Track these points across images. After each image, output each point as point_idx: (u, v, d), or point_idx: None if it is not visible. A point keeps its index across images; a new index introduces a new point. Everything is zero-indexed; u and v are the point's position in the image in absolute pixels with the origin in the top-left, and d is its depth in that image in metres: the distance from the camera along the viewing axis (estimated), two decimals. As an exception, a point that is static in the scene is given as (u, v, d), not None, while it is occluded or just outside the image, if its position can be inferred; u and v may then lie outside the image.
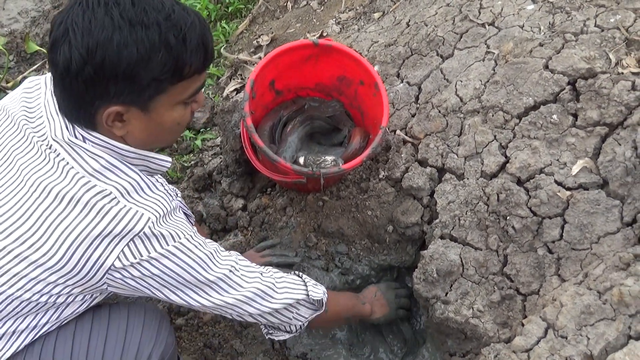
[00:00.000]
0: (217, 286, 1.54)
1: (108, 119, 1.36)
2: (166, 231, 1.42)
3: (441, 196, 2.05)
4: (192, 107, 1.50)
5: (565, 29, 2.17)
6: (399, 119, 2.29)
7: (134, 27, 1.26)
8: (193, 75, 1.38)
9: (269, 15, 3.33)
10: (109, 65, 1.26)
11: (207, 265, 1.50)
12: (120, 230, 1.35)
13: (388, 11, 2.85)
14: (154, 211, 1.41)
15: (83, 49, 1.25)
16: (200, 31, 1.35)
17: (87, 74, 1.27)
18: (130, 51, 1.26)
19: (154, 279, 1.44)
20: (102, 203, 1.36)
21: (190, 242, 1.47)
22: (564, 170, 1.88)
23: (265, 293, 1.64)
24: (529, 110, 2.03)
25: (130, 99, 1.33)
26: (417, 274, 1.96)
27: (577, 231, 1.79)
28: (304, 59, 2.14)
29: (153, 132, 1.45)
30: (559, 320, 1.59)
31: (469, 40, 2.34)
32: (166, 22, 1.29)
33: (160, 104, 1.38)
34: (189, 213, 2.08)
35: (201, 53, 1.36)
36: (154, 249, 1.40)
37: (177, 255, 1.44)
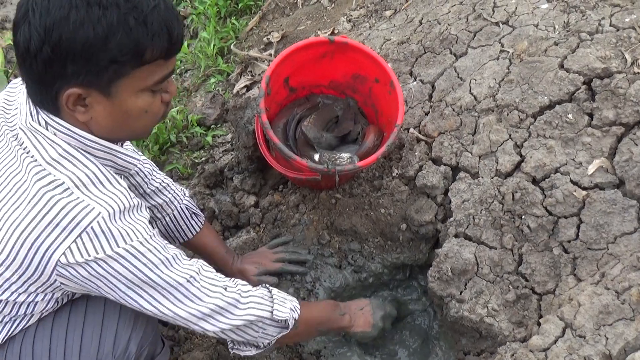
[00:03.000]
0: (170, 295, 1.47)
1: (68, 101, 1.32)
2: (117, 230, 1.36)
3: (455, 195, 2.04)
4: (163, 97, 1.45)
5: (580, 28, 2.16)
6: (413, 117, 2.29)
7: (91, 6, 1.24)
8: (157, 61, 1.34)
9: (279, 12, 3.32)
10: (66, 44, 1.24)
11: (161, 271, 1.43)
12: (68, 223, 1.31)
13: (400, 9, 2.84)
14: (108, 206, 1.36)
15: (41, 28, 1.24)
16: (165, 15, 1.31)
17: (45, 53, 1.25)
18: (86, 30, 1.23)
19: (102, 280, 1.38)
20: (52, 194, 1.32)
21: (144, 246, 1.40)
22: (580, 169, 1.88)
23: (224, 309, 1.57)
24: (544, 109, 2.03)
25: (89, 81, 1.30)
26: (431, 272, 1.96)
27: (593, 231, 1.79)
28: (319, 56, 2.13)
29: (118, 120, 1.40)
30: (576, 320, 1.59)
31: (483, 38, 2.34)
32: (126, 4, 1.26)
33: (123, 89, 1.34)
34: (198, 212, 2.09)
35: (164, 37, 1.31)
36: (103, 249, 1.34)
37: (127, 259, 1.38)
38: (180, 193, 2.07)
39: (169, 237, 2.09)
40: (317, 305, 2.01)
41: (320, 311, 1.94)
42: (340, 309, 1.97)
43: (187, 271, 1.50)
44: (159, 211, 2.02)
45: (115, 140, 1.50)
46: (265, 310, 1.67)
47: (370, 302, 2.05)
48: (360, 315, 2.00)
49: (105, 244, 1.34)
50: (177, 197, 2.05)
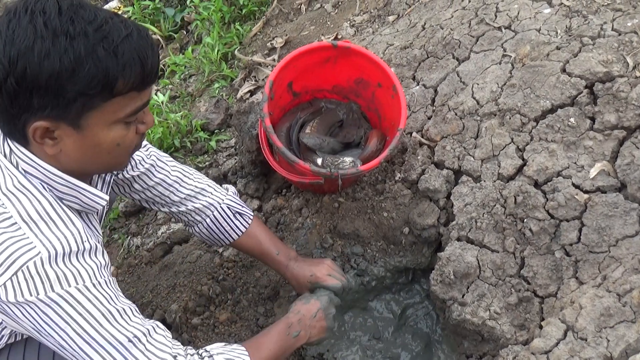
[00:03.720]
0: (106, 352, 1.33)
1: (35, 134, 1.26)
2: (55, 274, 1.27)
3: (458, 198, 2.05)
4: (139, 129, 1.38)
5: (582, 33, 2.17)
6: (415, 121, 2.30)
7: (57, 36, 1.17)
8: (129, 92, 1.26)
9: (283, 17, 3.34)
10: (31, 76, 1.17)
11: (100, 324, 1.32)
12: (5, 258, 1.25)
13: (403, 14, 2.86)
14: (51, 247, 1.28)
15: (5, 59, 1.17)
16: (138, 44, 1.24)
17: (10, 85, 1.19)
18: (52, 62, 1.17)
19: (35, 325, 1.30)
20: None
21: (83, 294, 1.30)
22: (582, 173, 1.89)
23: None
24: (546, 113, 2.04)
25: (56, 114, 1.23)
26: (434, 275, 1.97)
27: (595, 234, 1.79)
28: (322, 60, 2.15)
29: (89, 153, 1.33)
30: (578, 323, 1.60)
31: (485, 43, 2.35)
32: (96, 33, 1.20)
33: (93, 122, 1.27)
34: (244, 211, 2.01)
35: (136, 68, 1.24)
36: (37, 291, 1.26)
37: (61, 306, 1.28)
38: (220, 194, 1.99)
39: (213, 239, 2.02)
40: (267, 338, 1.74)
41: (273, 345, 1.72)
42: (294, 327, 1.78)
43: (133, 330, 1.38)
44: (197, 214, 1.96)
45: (88, 174, 1.45)
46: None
47: (320, 305, 1.87)
48: (315, 325, 1.83)
49: (40, 286, 1.26)
50: (217, 198, 1.97)
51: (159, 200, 1.92)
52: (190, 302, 2.18)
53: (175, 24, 3.73)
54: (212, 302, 2.20)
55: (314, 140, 2.17)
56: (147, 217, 2.65)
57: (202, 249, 2.38)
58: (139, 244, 2.56)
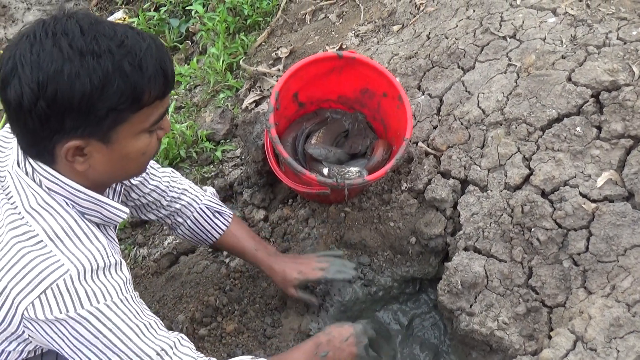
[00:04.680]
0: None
1: (68, 154, 1.28)
2: (84, 291, 1.29)
3: (464, 208, 2.05)
4: (158, 135, 1.42)
5: (588, 42, 2.18)
6: (421, 130, 2.30)
7: (84, 56, 1.19)
8: (154, 102, 1.30)
9: (288, 27, 3.35)
10: (62, 98, 1.19)
11: (129, 339, 1.35)
12: (34, 276, 1.26)
13: (407, 24, 2.86)
14: (79, 264, 1.30)
15: (34, 83, 1.18)
16: (158, 55, 1.28)
17: (40, 109, 1.20)
18: (83, 82, 1.19)
19: (65, 342, 1.31)
20: (23, 245, 1.28)
21: (112, 310, 1.32)
22: (589, 182, 1.89)
23: None
24: (553, 122, 2.04)
25: (88, 132, 1.26)
26: (441, 285, 1.96)
27: (603, 243, 1.79)
28: (327, 71, 2.15)
29: (117, 165, 1.37)
30: (587, 333, 1.59)
31: (490, 52, 2.36)
32: (119, 50, 1.22)
33: (122, 135, 1.30)
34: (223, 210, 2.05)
35: (160, 78, 1.28)
36: (67, 309, 1.27)
37: (92, 323, 1.30)
38: (199, 194, 2.02)
39: (196, 240, 2.05)
40: (294, 355, 1.73)
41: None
42: (322, 347, 1.72)
43: (161, 343, 1.41)
44: (179, 215, 2.00)
45: (109, 185, 1.47)
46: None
47: (354, 331, 1.79)
48: (345, 349, 1.75)
49: (69, 304, 1.27)
50: (196, 198, 2.01)
51: (152, 206, 1.94)
52: (197, 313, 2.18)
53: (180, 35, 3.74)
54: (219, 312, 2.19)
55: (320, 150, 2.17)
56: (153, 227, 2.65)
57: (208, 259, 2.38)
58: (145, 254, 2.56)
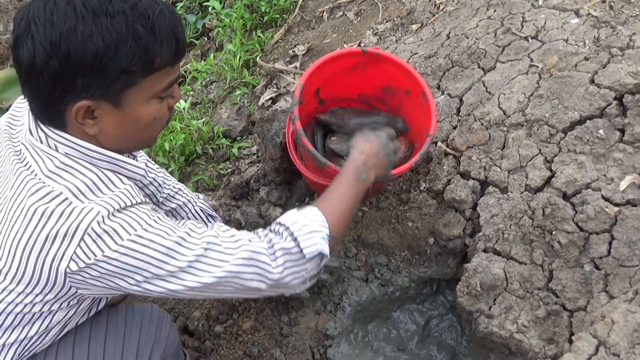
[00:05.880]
0: (193, 269, 1.37)
1: (77, 115, 1.29)
2: (119, 225, 1.30)
3: (484, 209, 2.03)
4: (169, 102, 1.43)
5: (611, 44, 2.16)
6: (440, 130, 2.28)
7: (98, 16, 1.20)
8: (165, 67, 1.31)
9: (305, 25, 3.34)
10: (75, 57, 1.20)
11: (176, 251, 1.35)
12: (66, 229, 1.27)
13: (427, 23, 2.85)
14: (108, 205, 1.31)
15: (47, 42, 1.19)
16: (170, 20, 1.29)
17: (53, 68, 1.21)
18: (96, 41, 1.20)
19: (117, 277, 1.33)
20: (45, 206, 1.28)
21: (150, 232, 1.33)
22: (611, 185, 1.87)
23: (255, 260, 1.44)
24: (575, 124, 2.02)
25: (99, 93, 1.27)
26: (460, 287, 1.95)
27: (626, 247, 1.77)
28: (351, 67, 2.14)
29: (128, 129, 1.37)
30: (610, 338, 1.57)
31: (512, 53, 2.34)
32: (132, 11, 1.23)
33: (132, 98, 1.31)
34: (214, 214, 2.07)
35: (172, 43, 1.29)
36: (108, 246, 1.28)
37: (136, 249, 1.31)
38: (193, 196, 2.05)
39: None
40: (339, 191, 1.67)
41: (347, 197, 1.67)
42: (361, 170, 1.70)
43: (204, 239, 1.40)
44: (173, 215, 2.01)
45: (123, 151, 1.47)
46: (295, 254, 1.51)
47: (380, 142, 1.77)
48: (378, 164, 1.75)
49: (109, 240, 1.29)
50: (191, 199, 2.03)
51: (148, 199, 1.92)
52: (213, 310, 2.17)
53: (197, 31, 3.74)
54: (235, 310, 2.19)
55: (342, 146, 2.16)
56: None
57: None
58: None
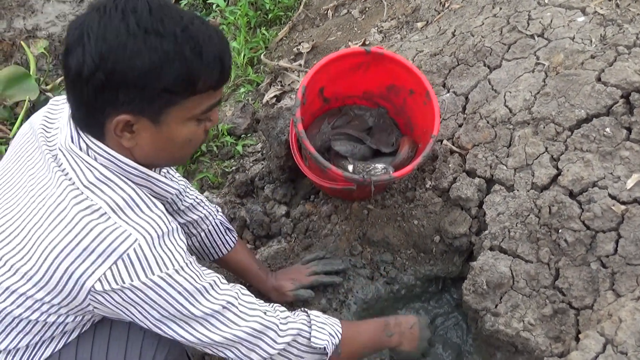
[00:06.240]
0: (205, 322, 1.45)
1: (117, 127, 1.31)
2: (154, 258, 1.33)
3: (490, 207, 2.03)
4: (206, 126, 1.45)
5: (618, 42, 2.15)
6: (446, 128, 2.28)
7: (148, 35, 1.23)
8: (207, 91, 1.34)
9: (309, 22, 3.34)
10: (120, 72, 1.23)
11: (196, 299, 1.41)
12: (104, 249, 1.29)
13: (432, 21, 2.84)
14: (145, 232, 1.34)
15: (96, 54, 1.22)
16: (219, 47, 1.32)
17: (98, 79, 1.24)
18: (142, 59, 1.23)
19: (136, 308, 1.37)
20: (89, 219, 1.30)
21: (180, 275, 1.38)
22: (618, 184, 1.86)
23: (262, 333, 1.54)
24: (581, 122, 2.02)
25: (140, 108, 1.29)
26: (466, 285, 1.95)
27: (633, 246, 1.77)
28: (354, 66, 2.14)
29: (162, 147, 1.40)
30: (618, 336, 1.57)
31: (518, 51, 2.34)
32: (183, 34, 1.26)
33: (171, 117, 1.34)
34: (231, 228, 2.08)
35: (217, 69, 1.32)
36: (137, 276, 1.31)
37: (162, 287, 1.35)
38: (213, 209, 2.06)
39: (204, 253, 2.07)
40: (365, 326, 1.89)
41: (368, 334, 1.86)
42: (389, 328, 1.89)
43: (225, 297, 1.48)
44: (194, 227, 2.01)
45: (153, 167, 1.49)
46: (303, 337, 1.63)
47: (418, 321, 1.95)
48: (409, 335, 1.91)
49: (140, 271, 1.32)
50: (212, 212, 2.04)
51: (168, 208, 1.93)
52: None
53: (201, 28, 3.73)
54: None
55: (346, 147, 2.16)
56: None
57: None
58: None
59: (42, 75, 3.48)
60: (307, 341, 1.63)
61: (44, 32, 3.92)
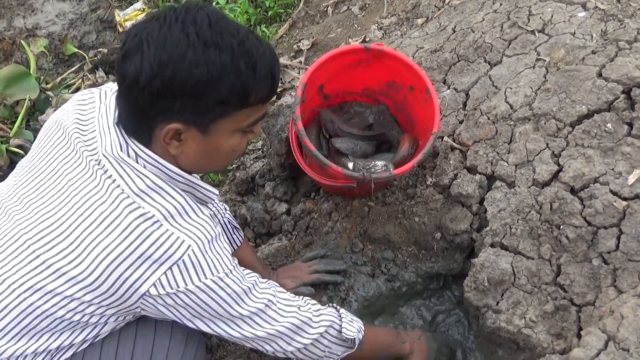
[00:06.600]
0: (250, 320, 1.53)
1: (166, 135, 1.35)
2: (206, 262, 1.39)
3: (491, 204, 2.02)
4: (248, 137, 1.49)
5: (619, 37, 2.14)
6: (447, 125, 2.27)
7: (208, 47, 1.26)
8: (257, 105, 1.37)
9: (309, 20, 3.33)
10: (178, 81, 1.26)
11: (242, 300, 1.49)
12: (160, 255, 1.34)
13: (432, 17, 2.84)
14: (196, 238, 1.39)
15: (155, 62, 1.25)
16: (271, 61, 1.35)
17: (155, 87, 1.26)
18: (201, 70, 1.26)
19: (187, 309, 1.43)
20: (144, 226, 1.34)
21: (229, 277, 1.45)
22: (620, 180, 1.86)
23: (299, 328, 1.62)
24: (582, 118, 2.01)
25: (192, 118, 1.33)
26: (467, 282, 1.94)
27: (634, 242, 1.76)
28: (354, 63, 2.13)
29: (207, 156, 1.44)
30: (619, 333, 1.56)
31: (518, 47, 2.33)
32: (239, 47, 1.29)
33: (220, 128, 1.37)
34: (238, 227, 2.09)
35: (268, 83, 1.36)
36: (192, 280, 1.38)
37: (214, 290, 1.42)
38: (222, 207, 2.08)
39: None
40: (380, 329, 2.06)
41: (384, 336, 1.98)
42: (402, 336, 1.99)
43: (265, 296, 1.55)
44: None
45: (192, 172, 1.52)
46: (334, 329, 1.71)
47: (424, 333, 2.07)
48: (418, 344, 2.01)
49: (194, 276, 1.37)
50: (220, 210, 2.06)
51: None
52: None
53: (201, 26, 3.72)
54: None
55: (347, 144, 2.16)
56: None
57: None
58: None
59: (42, 74, 3.48)
60: (338, 333, 1.72)
61: (44, 30, 3.91)
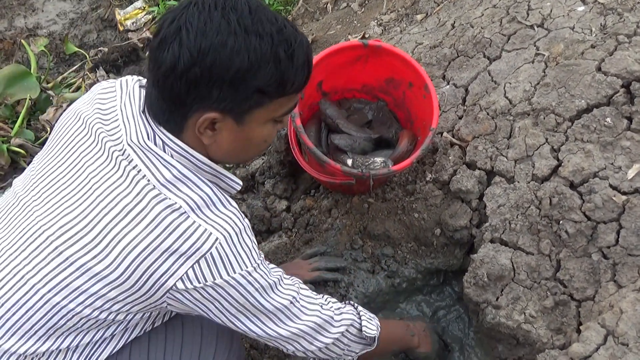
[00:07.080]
0: (274, 316, 1.49)
1: (202, 125, 1.31)
2: (234, 256, 1.35)
3: (491, 199, 2.02)
4: (278, 127, 1.46)
5: (618, 31, 2.13)
6: (446, 121, 2.27)
7: (249, 35, 1.23)
8: (292, 94, 1.35)
9: (309, 16, 3.33)
10: (219, 68, 1.23)
11: (268, 294, 1.45)
12: (187, 248, 1.29)
13: (431, 13, 2.83)
14: (224, 230, 1.34)
15: (194, 49, 1.22)
16: (306, 51, 1.33)
17: (194, 75, 1.23)
18: (242, 58, 1.23)
19: (214, 304, 1.39)
20: (171, 218, 1.29)
21: (257, 272, 1.40)
22: (619, 174, 1.85)
23: (321, 327, 1.60)
24: (582, 113, 2.00)
25: (229, 108, 1.29)
26: (467, 277, 1.94)
27: (634, 236, 1.75)
28: (352, 60, 2.13)
29: (240, 146, 1.41)
30: (619, 327, 1.56)
31: (517, 42, 2.32)
32: (279, 35, 1.26)
33: (254, 118, 1.34)
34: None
35: (305, 72, 1.33)
36: (220, 275, 1.33)
37: (242, 284, 1.38)
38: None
39: None
40: (391, 323, 2.05)
41: (397, 331, 1.99)
42: (410, 328, 2.01)
43: (290, 292, 1.52)
44: None
45: (223, 162, 1.50)
46: (354, 328, 1.70)
47: (427, 325, 2.09)
48: (424, 337, 2.03)
49: (222, 269, 1.34)
50: None
51: None
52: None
53: (201, 24, 3.72)
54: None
55: (346, 141, 2.15)
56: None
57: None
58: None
59: (43, 74, 3.48)
60: (358, 332, 1.70)
61: (44, 30, 3.92)
